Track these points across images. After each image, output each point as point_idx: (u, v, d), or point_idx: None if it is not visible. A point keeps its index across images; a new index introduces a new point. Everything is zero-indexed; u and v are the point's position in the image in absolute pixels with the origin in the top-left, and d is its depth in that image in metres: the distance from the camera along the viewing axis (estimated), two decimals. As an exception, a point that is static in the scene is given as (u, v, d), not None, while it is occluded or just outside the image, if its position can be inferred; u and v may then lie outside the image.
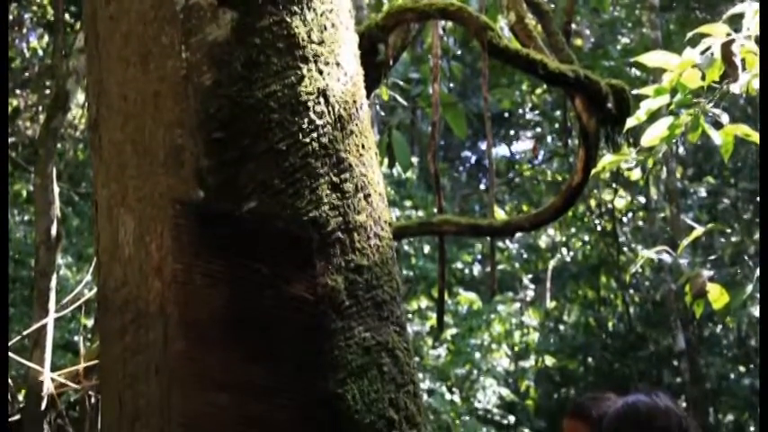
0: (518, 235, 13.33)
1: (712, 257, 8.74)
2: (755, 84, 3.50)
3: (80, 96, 7.82)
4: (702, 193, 11.24)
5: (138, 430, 1.98)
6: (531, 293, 15.27)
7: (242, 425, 1.90)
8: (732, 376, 11.19)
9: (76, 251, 9.20)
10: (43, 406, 4.59)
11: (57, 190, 4.91)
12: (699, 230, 4.80)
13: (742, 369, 11.55)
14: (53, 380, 4.58)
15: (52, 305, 4.75)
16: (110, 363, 2.10)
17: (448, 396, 10.95)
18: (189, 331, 1.96)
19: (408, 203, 12.05)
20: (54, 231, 4.79)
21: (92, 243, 5.92)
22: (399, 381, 2.10)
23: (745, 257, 9.13)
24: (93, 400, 4.58)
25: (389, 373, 2.08)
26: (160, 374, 1.97)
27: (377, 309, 2.13)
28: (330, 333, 2.02)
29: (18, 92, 10.13)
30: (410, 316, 11.43)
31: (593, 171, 3.60)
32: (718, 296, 4.20)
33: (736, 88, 3.51)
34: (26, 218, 8.18)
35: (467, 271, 13.77)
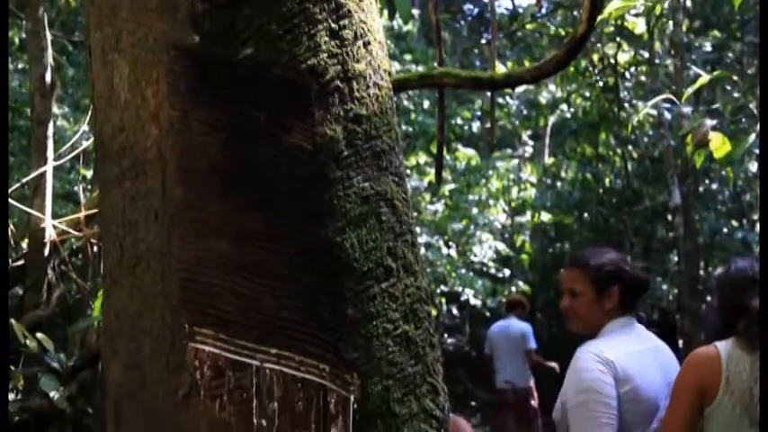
0: (518, 91, 13.20)
1: (714, 106, 8.68)
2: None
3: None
4: (707, 47, 11.03)
5: (138, 275, 2.01)
6: (529, 150, 15.27)
7: (241, 270, 1.93)
8: (725, 230, 11.36)
9: (73, 101, 9.12)
10: (46, 252, 4.66)
11: (49, 37, 4.80)
12: (704, 78, 4.70)
13: (735, 223, 11.72)
14: (55, 227, 4.64)
15: (50, 153, 4.74)
16: (109, 209, 2.11)
17: (445, 250, 11.14)
18: (187, 178, 1.96)
19: (408, 57, 11.86)
20: (48, 78, 4.73)
21: (88, 94, 5.86)
22: (397, 230, 2.12)
23: (746, 116, 9.08)
24: (95, 248, 4.65)
25: (388, 222, 2.09)
26: (159, 221, 1.98)
27: (375, 159, 2.12)
28: (329, 182, 2.02)
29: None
30: (409, 171, 11.46)
31: (599, 18, 3.50)
32: (719, 145, 4.14)
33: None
34: (20, 66, 8.06)
35: (466, 127, 13.71)
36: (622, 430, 2.69)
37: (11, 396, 4.53)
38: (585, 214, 13.15)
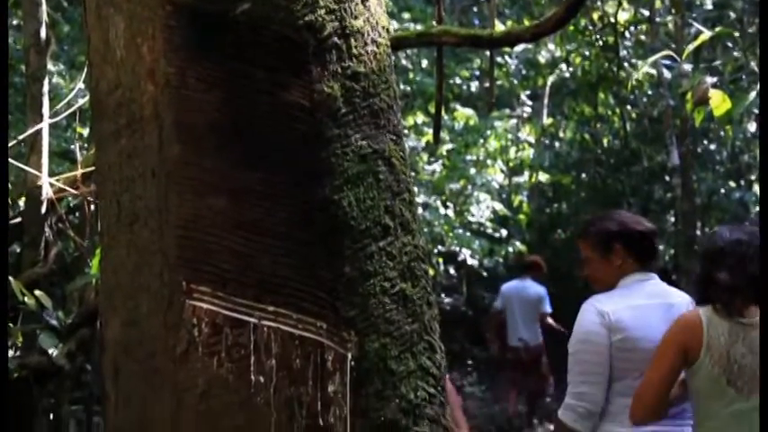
0: (517, 50, 13.10)
1: (715, 64, 8.62)
2: None
3: None
4: (708, 4, 10.94)
5: (136, 232, 2.01)
6: (528, 110, 15.20)
7: (239, 228, 1.93)
8: (722, 191, 11.37)
9: (68, 59, 9.04)
10: (43, 210, 4.66)
11: (43, -9, 4.74)
12: (705, 35, 4.66)
13: (732, 184, 11.72)
14: (52, 185, 4.63)
15: (46, 110, 4.71)
16: (106, 167, 2.11)
17: (442, 210, 11.14)
18: (184, 136, 1.95)
19: (407, 16, 11.75)
20: (43, 34, 4.68)
21: (83, 50, 5.81)
22: (395, 189, 2.11)
23: (746, 74, 9.04)
24: (92, 206, 4.65)
25: (385, 180, 2.09)
26: (157, 178, 1.98)
27: (373, 117, 2.11)
28: (326, 140, 2.01)
29: None
30: (406, 131, 11.42)
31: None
32: (719, 103, 4.12)
33: None
34: (15, 22, 7.98)
35: (464, 87, 13.63)
36: (616, 375, 2.93)
37: (10, 353, 4.56)
38: (583, 174, 13.13)
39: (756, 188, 12.53)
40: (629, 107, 12.56)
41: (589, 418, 2.94)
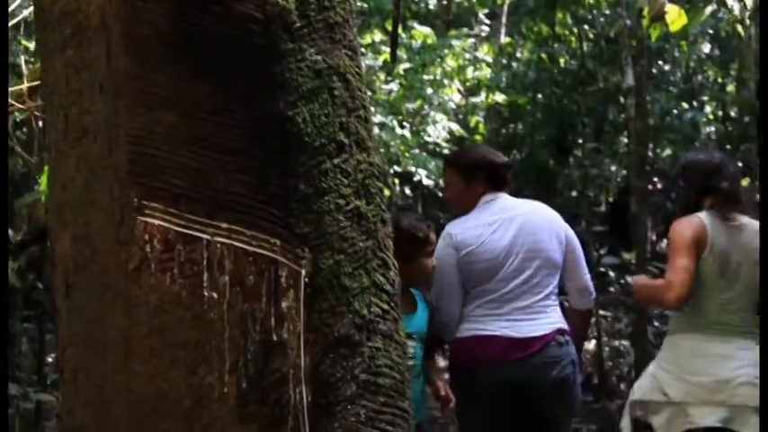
0: (476, -33, 12.89)
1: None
2: None
3: None
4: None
5: (85, 147, 1.96)
6: (485, 29, 15.05)
7: (190, 143, 1.90)
8: (675, 112, 11.48)
9: (12, -31, 8.71)
10: (-12, 126, 4.53)
11: None
12: None
13: (685, 105, 11.83)
14: (-3, 100, 4.49)
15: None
16: (52, 80, 2.05)
17: (399, 130, 11.08)
18: (132, 47, 1.90)
19: (364, -72, 11.45)
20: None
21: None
22: (350, 105, 2.09)
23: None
24: (39, 122, 4.54)
25: (340, 97, 2.06)
26: (105, 91, 1.93)
27: (329, 31, 2.07)
28: (280, 54, 1.97)
29: None
30: (363, 50, 11.27)
31: None
32: (676, 18, 4.17)
33: None
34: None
35: (422, 4, 13.43)
36: (469, 284, 3.41)
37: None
38: (540, 95, 13.13)
39: (708, 108, 12.69)
40: (586, 27, 12.49)
41: (447, 326, 3.43)
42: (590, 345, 7.34)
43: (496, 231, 3.44)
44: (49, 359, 6.35)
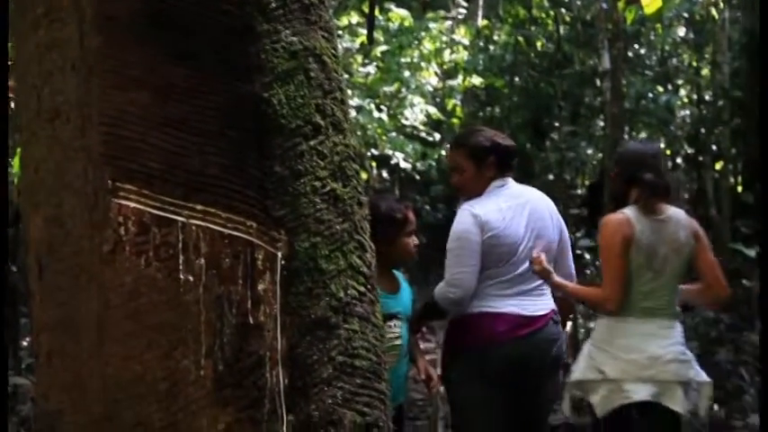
0: (453, -51, 12.84)
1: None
2: None
3: None
4: None
5: (58, 127, 1.94)
6: (462, 11, 15.03)
7: (165, 125, 1.88)
8: (651, 95, 11.52)
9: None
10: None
11: None
12: None
13: (660, 89, 11.88)
14: (-32, 81, 4.43)
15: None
16: (24, 59, 2.02)
17: (376, 113, 11.06)
18: (106, 27, 1.87)
19: None
20: None
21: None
22: (326, 87, 2.08)
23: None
24: (12, 104, 4.48)
25: (316, 78, 2.05)
26: (78, 71, 1.90)
27: (304, 12, 2.06)
28: (256, 36, 1.95)
29: None
30: (340, 32, 11.21)
31: None
32: (651, 0, 4.22)
33: None
34: None
35: (399, -14, 13.37)
36: (486, 264, 3.45)
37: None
38: (516, 78, 13.14)
39: (683, 92, 12.76)
40: (563, 10, 12.50)
41: (460, 303, 3.46)
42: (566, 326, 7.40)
43: (514, 217, 3.51)
44: (24, 343, 6.30)
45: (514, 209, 3.52)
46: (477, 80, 12.35)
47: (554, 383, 3.60)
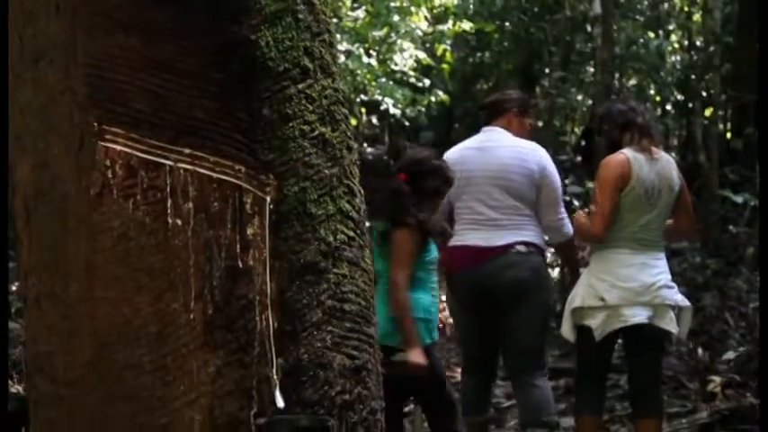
0: None
1: None
2: None
3: None
4: None
5: (42, 69, 1.91)
6: (453, -45, 14.81)
7: (152, 67, 1.86)
8: (641, 41, 11.44)
9: None
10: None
11: None
12: None
13: (651, 34, 11.80)
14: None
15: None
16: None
17: (365, 58, 10.96)
18: (89, -33, 1.84)
19: None
20: None
21: None
22: (315, 29, 2.05)
23: None
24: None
25: (305, 20, 2.02)
26: (62, 12, 1.87)
27: (292, -47, 2.01)
28: (243, -23, 1.92)
29: None
30: (328, -26, 11.03)
31: None
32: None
33: None
34: None
35: (389, -72, 13.14)
36: (463, 194, 3.95)
37: None
38: (507, 23, 13.01)
39: (673, 37, 12.67)
40: (554, -46, 12.35)
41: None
42: (554, 273, 7.45)
43: (479, 156, 4.02)
44: (13, 288, 6.30)
45: (478, 149, 4.03)
46: (467, 25, 12.21)
47: (526, 303, 3.90)
